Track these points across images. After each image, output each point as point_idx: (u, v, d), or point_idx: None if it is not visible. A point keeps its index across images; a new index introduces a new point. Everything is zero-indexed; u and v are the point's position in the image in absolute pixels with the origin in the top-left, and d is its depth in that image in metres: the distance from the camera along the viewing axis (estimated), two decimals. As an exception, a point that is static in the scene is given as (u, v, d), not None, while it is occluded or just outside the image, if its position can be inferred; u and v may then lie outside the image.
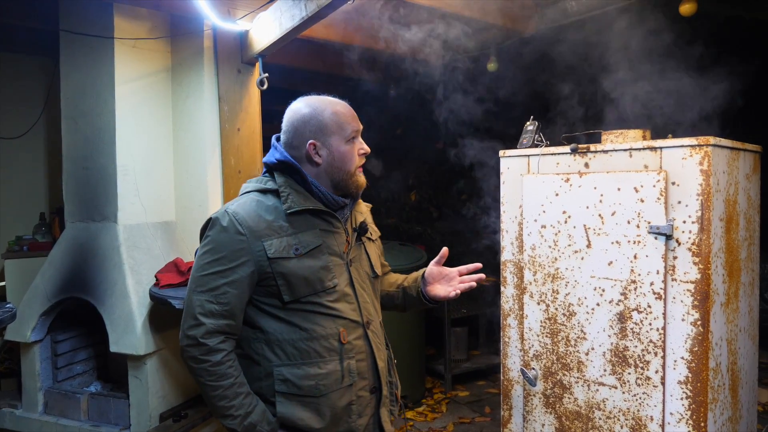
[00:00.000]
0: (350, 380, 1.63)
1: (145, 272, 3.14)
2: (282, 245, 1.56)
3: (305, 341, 1.58)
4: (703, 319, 1.76)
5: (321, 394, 1.58)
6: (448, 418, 4.39)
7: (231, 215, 1.56)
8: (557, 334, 2.11)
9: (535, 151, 2.17)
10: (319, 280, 1.60)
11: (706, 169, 1.74)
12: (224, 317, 1.55)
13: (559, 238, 2.09)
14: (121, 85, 3.19)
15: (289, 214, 1.59)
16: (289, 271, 1.56)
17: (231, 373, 1.54)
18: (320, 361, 1.59)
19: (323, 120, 1.62)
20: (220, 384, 1.53)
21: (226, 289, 1.54)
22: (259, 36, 3.26)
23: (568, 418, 2.09)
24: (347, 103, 1.71)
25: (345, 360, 1.62)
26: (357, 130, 1.67)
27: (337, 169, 1.64)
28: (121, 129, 3.20)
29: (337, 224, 1.68)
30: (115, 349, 3.00)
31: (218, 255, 1.54)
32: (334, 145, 1.63)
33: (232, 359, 1.56)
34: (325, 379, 1.58)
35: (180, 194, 3.52)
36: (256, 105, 3.61)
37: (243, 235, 1.54)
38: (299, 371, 1.57)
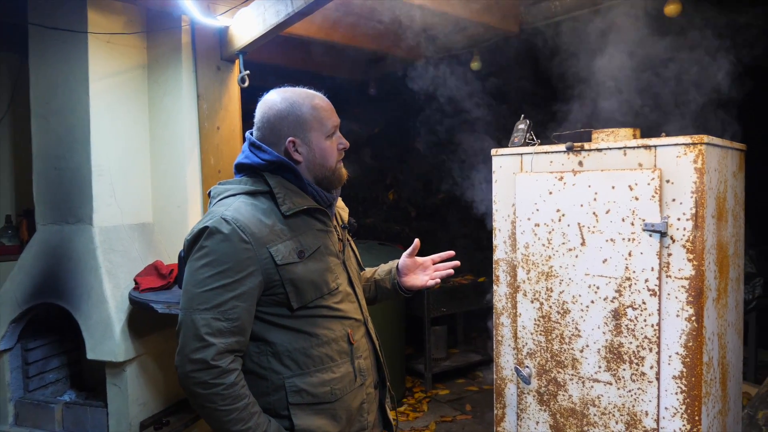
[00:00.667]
0: (362, 380, 1.62)
1: (122, 276, 3.04)
2: (287, 250, 1.49)
3: (316, 347, 1.52)
4: (697, 314, 1.79)
5: (336, 398, 1.54)
6: (429, 417, 4.40)
7: (232, 222, 1.43)
8: (551, 331, 2.12)
9: (528, 149, 2.17)
10: (325, 282, 1.55)
11: (700, 167, 1.76)
12: (234, 334, 1.42)
13: (553, 236, 2.09)
14: (95, 81, 3.08)
15: (287, 217, 1.51)
16: (297, 277, 1.49)
17: (245, 393, 1.44)
18: (333, 365, 1.55)
19: (302, 115, 1.54)
20: (235, 407, 1.41)
21: (235, 303, 1.42)
22: (240, 32, 3.19)
23: (563, 415, 2.10)
24: (323, 95, 1.63)
25: (355, 360, 1.61)
26: (336, 124, 1.61)
27: (319, 166, 1.57)
28: (95, 127, 3.09)
29: (329, 223, 1.64)
30: (92, 356, 2.90)
31: (222, 267, 1.41)
32: (314, 141, 1.55)
33: (242, 378, 1.45)
34: (339, 383, 1.55)
35: (157, 195, 3.42)
36: (236, 103, 3.54)
37: (248, 243, 1.43)
38: (313, 379, 1.51)
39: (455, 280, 5.34)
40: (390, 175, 6.30)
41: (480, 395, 4.82)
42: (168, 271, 2.89)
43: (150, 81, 3.40)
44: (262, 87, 3.55)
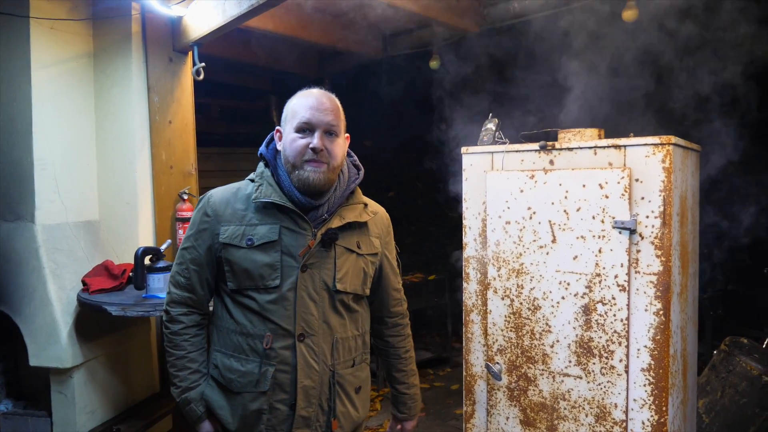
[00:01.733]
0: (264, 387, 1.56)
1: (68, 277, 2.86)
2: (236, 233, 1.58)
3: (236, 334, 1.61)
4: (664, 308, 1.86)
5: (236, 390, 1.59)
6: (383, 416, 4.39)
7: (207, 197, 1.66)
8: (522, 328, 2.15)
9: (499, 148, 2.19)
10: (260, 276, 1.56)
11: (668, 167, 1.83)
12: (186, 290, 1.66)
13: (523, 233, 2.12)
14: (38, 70, 2.88)
15: (257, 206, 1.59)
16: (234, 260, 1.58)
17: (184, 346, 1.65)
18: (242, 358, 1.60)
19: (288, 107, 1.62)
20: (173, 352, 1.66)
21: (189, 265, 1.65)
22: (195, 23, 3.06)
23: (533, 409, 2.13)
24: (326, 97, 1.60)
25: (264, 365, 1.56)
26: (305, 120, 1.55)
27: (286, 159, 1.60)
28: (38, 118, 2.89)
29: (303, 224, 1.57)
30: (36, 362, 2.71)
31: (190, 232, 1.66)
32: (287, 132, 1.60)
33: (190, 334, 1.66)
34: (242, 378, 1.59)
35: (104, 191, 3.24)
36: (189, 96, 3.40)
37: (209, 217, 1.62)
38: (227, 361, 1.62)
39: (405, 278, 5.36)
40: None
41: (432, 393, 4.86)
42: (120, 272, 2.74)
43: (96, 71, 3.21)
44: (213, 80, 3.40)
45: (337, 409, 1.62)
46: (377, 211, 1.78)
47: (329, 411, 1.62)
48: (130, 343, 3.09)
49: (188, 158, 3.40)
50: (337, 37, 4.13)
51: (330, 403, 1.62)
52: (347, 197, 1.66)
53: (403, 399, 1.91)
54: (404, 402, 1.92)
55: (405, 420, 1.94)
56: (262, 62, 4.53)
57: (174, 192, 3.30)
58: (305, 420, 1.58)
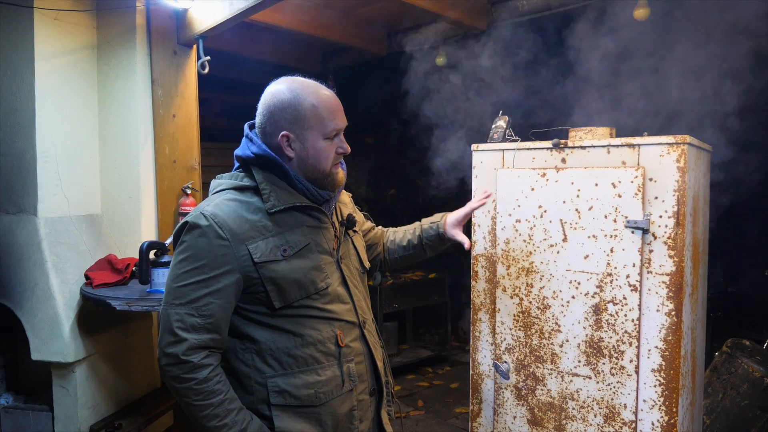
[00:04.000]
0: (351, 385, 1.54)
1: (70, 270, 2.83)
2: (268, 247, 1.44)
3: (300, 348, 1.47)
4: (677, 309, 1.85)
5: (321, 402, 1.48)
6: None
7: (210, 218, 1.41)
8: (531, 327, 2.14)
9: (511, 145, 2.18)
10: (311, 281, 1.48)
11: (682, 166, 1.82)
12: (208, 331, 1.41)
13: (534, 232, 2.11)
14: (41, 61, 2.85)
15: (273, 213, 1.46)
16: (278, 276, 1.44)
17: (220, 389, 1.41)
18: (318, 367, 1.48)
19: (302, 110, 1.46)
20: (210, 402, 1.39)
21: (209, 300, 1.40)
22: (201, 15, 3.04)
23: (541, 409, 2.12)
24: (335, 96, 1.54)
25: (344, 364, 1.53)
26: (338, 127, 1.51)
27: (311, 167, 1.50)
28: (41, 110, 2.86)
29: (324, 219, 1.57)
30: (38, 356, 2.68)
31: (198, 263, 1.40)
32: (310, 140, 1.48)
33: (219, 374, 1.43)
34: (324, 387, 1.49)
35: (107, 185, 3.21)
36: (194, 90, 3.37)
37: (225, 240, 1.40)
38: (297, 380, 1.46)
39: (406, 276, 5.35)
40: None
41: (431, 391, 4.85)
42: (123, 266, 2.72)
43: (100, 63, 3.18)
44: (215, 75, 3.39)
45: (390, 380, 1.74)
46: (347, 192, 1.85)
47: (388, 384, 1.71)
48: (131, 339, 3.07)
49: (192, 153, 3.38)
50: (342, 33, 4.11)
51: (387, 377, 1.70)
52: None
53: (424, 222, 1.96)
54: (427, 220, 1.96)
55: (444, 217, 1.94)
56: (264, 57, 4.51)
57: (177, 187, 3.28)
58: (385, 400, 1.67)
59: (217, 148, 5.20)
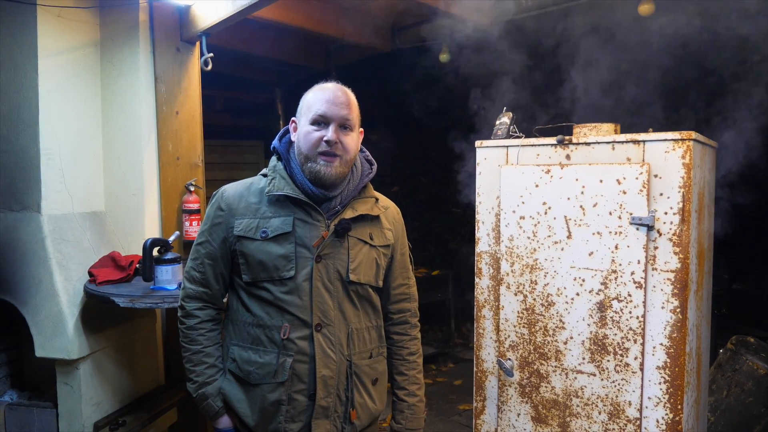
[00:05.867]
0: (282, 377, 1.58)
1: (74, 267, 2.83)
2: (251, 226, 1.61)
3: (253, 326, 1.63)
4: (682, 306, 1.84)
5: (255, 382, 1.61)
6: (386, 411, 4.38)
7: (221, 192, 1.69)
8: (535, 324, 2.13)
9: (515, 142, 2.17)
10: (274, 267, 1.59)
11: (687, 163, 1.81)
12: (201, 285, 1.68)
13: (538, 229, 2.10)
14: (45, 58, 2.84)
15: (271, 199, 1.63)
16: (249, 252, 1.60)
17: (200, 340, 1.66)
18: (261, 349, 1.61)
19: (304, 100, 1.66)
20: (189, 347, 1.67)
21: (204, 259, 1.68)
22: (204, 12, 3.03)
23: (545, 406, 2.12)
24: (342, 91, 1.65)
25: (282, 356, 1.58)
26: (321, 113, 1.58)
27: (299, 150, 1.64)
28: (44, 107, 2.85)
29: (316, 216, 1.61)
30: (42, 353, 2.68)
31: (204, 227, 1.69)
32: (301, 124, 1.64)
33: (206, 328, 1.68)
34: (260, 369, 1.60)
35: (110, 182, 3.21)
36: (197, 87, 3.37)
37: (222, 211, 1.66)
38: (245, 354, 1.63)
39: (409, 273, 5.34)
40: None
41: (435, 388, 4.85)
42: (127, 263, 2.72)
43: (103, 60, 3.17)
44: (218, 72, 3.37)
45: (355, 400, 1.65)
46: (388, 206, 1.81)
47: (347, 401, 1.64)
48: (135, 335, 3.07)
49: (195, 150, 3.37)
50: (345, 29, 4.10)
51: (348, 394, 1.64)
52: (360, 191, 1.69)
53: (400, 407, 1.81)
54: (401, 410, 1.81)
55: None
56: (267, 54, 4.50)
57: (180, 183, 3.28)
58: (324, 410, 1.60)
59: (221, 145, 5.20)
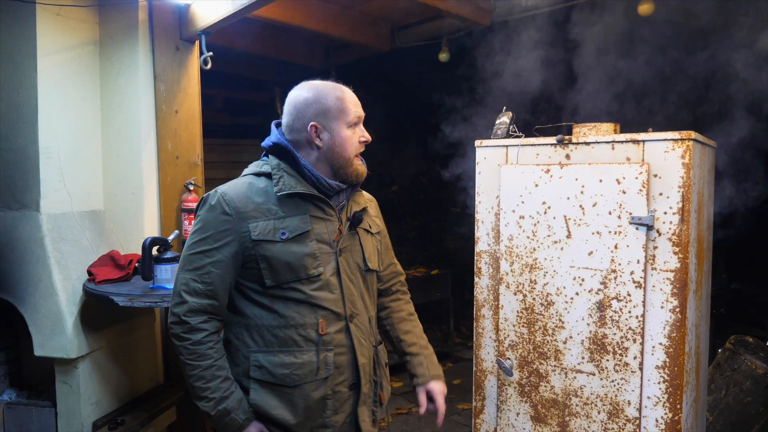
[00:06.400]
0: (326, 373, 1.59)
1: (73, 266, 2.83)
2: (267, 228, 1.56)
3: (283, 328, 1.57)
4: (681, 306, 1.84)
5: (295, 384, 1.57)
6: (382, 413, 4.38)
7: (219, 195, 1.57)
8: (534, 323, 2.13)
9: (514, 141, 2.17)
10: (303, 266, 1.57)
11: (687, 163, 1.81)
12: (207, 297, 1.56)
13: (538, 228, 2.10)
14: (44, 57, 2.84)
15: (280, 198, 1.59)
16: (272, 255, 1.55)
17: (210, 354, 1.55)
18: (296, 350, 1.57)
19: (327, 103, 1.61)
20: (199, 364, 1.54)
21: (210, 269, 1.55)
22: (203, 11, 3.03)
23: (544, 406, 2.12)
24: (350, 89, 1.69)
25: (322, 352, 1.59)
26: (359, 116, 1.67)
27: (337, 155, 1.62)
28: (43, 106, 2.85)
29: (330, 211, 1.65)
30: (41, 352, 2.68)
31: (205, 234, 1.56)
32: (336, 129, 1.61)
33: (213, 341, 1.57)
34: (299, 369, 1.57)
35: (109, 181, 3.20)
36: (196, 86, 3.36)
37: (229, 215, 1.55)
38: (275, 359, 1.57)
39: (408, 272, 5.34)
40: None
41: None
42: (126, 262, 2.72)
43: (102, 59, 3.17)
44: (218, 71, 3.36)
45: (383, 383, 1.76)
46: (371, 197, 1.93)
47: (376, 385, 1.73)
48: (134, 335, 3.07)
49: (194, 149, 3.37)
50: (345, 29, 4.09)
51: (376, 378, 1.72)
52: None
53: (418, 360, 1.86)
54: (420, 363, 1.85)
55: (434, 380, 1.84)
56: (267, 53, 4.50)
57: (180, 182, 3.27)
58: (365, 396, 1.66)
59: (220, 144, 5.19)
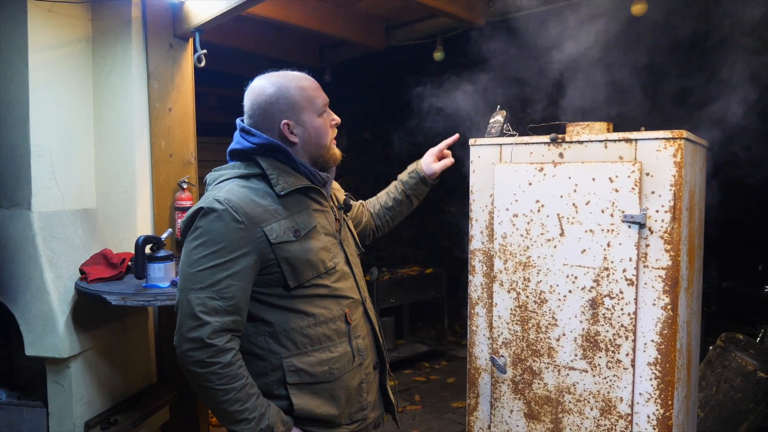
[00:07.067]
0: (360, 359, 1.63)
1: (65, 265, 2.81)
2: (282, 229, 1.51)
3: (314, 327, 1.55)
4: (673, 303, 1.86)
5: (335, 378, 1.57)
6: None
7: (224, 202, 1.46)
8: (528, 321, 2.14)
9: (508, 140, 2.18)
10: (321, 261, 1.57)
11: (679, 161, 1.82)
12: (230, 313, 1.44)
13: (531, 226, 2.11)
14: (35, 53, 2.82)
15: (282, 197, 1.55)
16: (293, 256, 1.51)
17: (242, 373, 1.45)
18: (330, 344, 1.57)
19: (291, 97, 1.57)
20: (233, 386, 1.42)
21: (229, 282, 1.44)
22: (197, 8, 3.02)
23: (538, 403, 2.13)
24: (308, 75, 1.66)
25: (353, 339, 1.62)
26: (326, 102, 1.65)
27: (315, 145, 1.60)
28: (35, 103, 2.83)
29: (325, 203, 1.67)
30: (32, 352, 2.66)
31: (216, 246, 1.44)
32: (308, 121, 1.59)
33: (240, 358, 1.47)
34: (337, 363, 1.58)
35: (102, 179, 3.19)
36: (190, 84, 3.35)
37: (241, 223, 1.46)
38: (311, 359, 1.54)
39: (403, 271, 5.35)
40: (339, 163, 6.21)
41: (428, 386, 4.87)
42: (119, 261, 2.71)
43: (95, 56, 3.15)
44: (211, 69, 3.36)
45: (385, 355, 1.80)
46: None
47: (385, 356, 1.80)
48: (127, 334, 3.06)
49: (188, 147, 3.36)
50: (340, 27, 4.09)
51: (381, 353, 1.78)
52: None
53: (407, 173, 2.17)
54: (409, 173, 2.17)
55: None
56: (261, 51, 4.49)
57: (173, 181, 3.26)
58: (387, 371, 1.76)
59: (214, 142, 5.17)
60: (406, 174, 2.16)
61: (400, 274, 5.22)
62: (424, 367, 5.27)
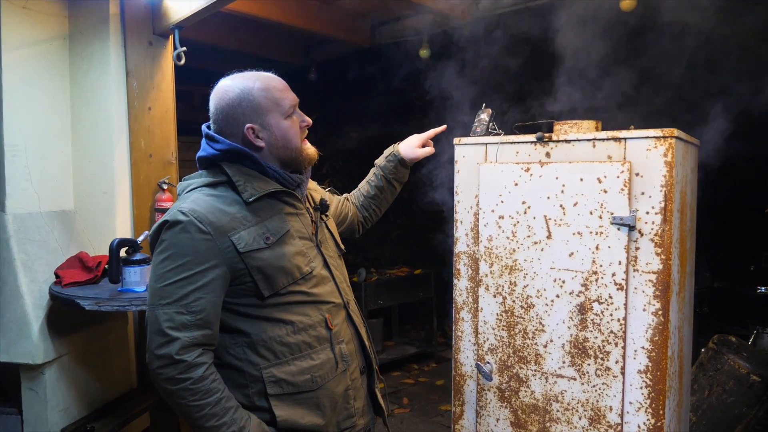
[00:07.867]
0: (344, 365, 1.57)
1: (40, 269, 2.73)
2: (251, 236, 1.44)
3: (292, 335, 1.48)
4: (663, 308, 1.79)
5: (318, 386, 1.51)
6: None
7: (189, 213, 1.40)
8: (514, 326, 2.07)
9: (493, 139, 2.11)
10: (296, 267, 1.50)
11: (669, 161, 1.76)
12: (199, 328, 1.38)
13: (517, 228, 2.04)
14: (9, 51, 2.73)
15: (250, 203, 1.47)
16: (265, 263, 1.44)
17: (216, 387, 1.39)
18: (311, 352, 1.51)
19: (254, 99, 1.49)
20: (207, 402, 1.37)
21: (198, 296, 1.38)
22: (176, 5, 2.93)
23: (525, 411, 2.06)
24: (275, 74, 1.57)
25: (336, 345, 1.56)
26: (293, 103, 1.56)
27: (283, 149, 1.53)
28: (8, 103, 2.74)
29: (299, 205, 1.59)
30: (5, 358, 2.58)
31: (182, 260, 1.38)
32: (274, 124, 1.51)
33: (213, 372, 1.40)
34: (320, 370, 1.51)
35: (80, 179, 3.10)
36: (170, 82, 3.27)
37: (207, 234, 1.39)
38: (292, 368, 1.47)
39: (391, 271, 5.28)
40: (327, 164, 6.13)
41: (416, 388, 4.80)
42: (95, 264, 2.62)
43: (72, 54, 3.07)
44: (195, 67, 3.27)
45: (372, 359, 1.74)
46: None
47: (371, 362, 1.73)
48: (106, 339, 2.97)
49: (168, 147, 3.28)
50: (324, 24, 4.02)
51: (373, 354, 1.73)
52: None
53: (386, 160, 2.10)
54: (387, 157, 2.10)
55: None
56: (246, 49, 4.41)
57: (153, 181, 3.18)
58: (375, 375, 1.71)
59: (198, 142, 5.09)
60: (383, 159, 2.10)
61: (388, 275, 5.15)
62: (413, 369, 5.20)
